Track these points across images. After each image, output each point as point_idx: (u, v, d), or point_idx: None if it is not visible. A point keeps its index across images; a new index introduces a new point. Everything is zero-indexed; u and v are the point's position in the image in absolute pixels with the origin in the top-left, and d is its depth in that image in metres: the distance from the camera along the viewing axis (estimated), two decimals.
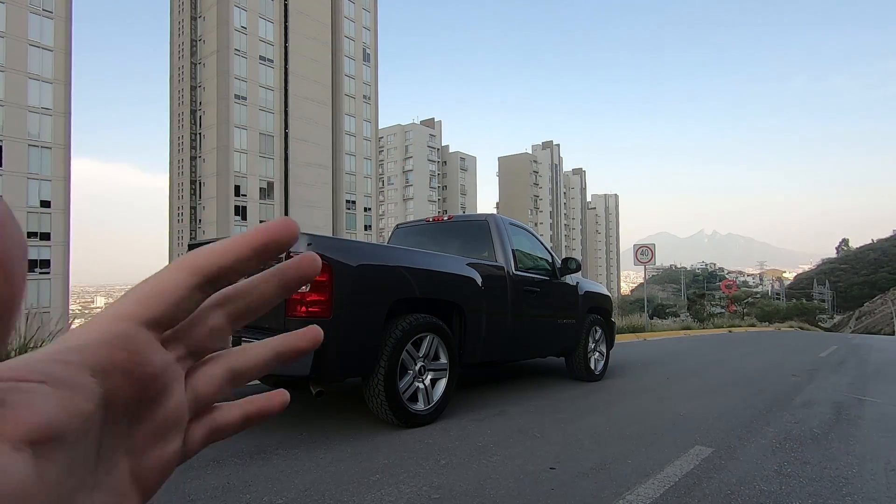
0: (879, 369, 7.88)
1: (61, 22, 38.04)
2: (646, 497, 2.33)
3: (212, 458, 2.63)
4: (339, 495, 2.23)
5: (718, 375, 6.31)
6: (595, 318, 5.53)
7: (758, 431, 3.58)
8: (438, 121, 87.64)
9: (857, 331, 50.96)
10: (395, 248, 3.70)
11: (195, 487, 2.25)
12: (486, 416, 3.71)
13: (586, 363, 5.28)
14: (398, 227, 5.48)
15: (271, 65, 52.45)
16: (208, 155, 50.79)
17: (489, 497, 2.27)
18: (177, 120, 56.63)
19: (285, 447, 2.85)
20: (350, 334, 3.03)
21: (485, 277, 4.03)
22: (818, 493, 2.48)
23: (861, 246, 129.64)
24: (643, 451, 3.01)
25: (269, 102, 52.39)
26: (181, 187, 55.58)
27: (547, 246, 5.25)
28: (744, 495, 2.40)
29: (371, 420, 3.43)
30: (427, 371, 3.48)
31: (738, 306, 34.15)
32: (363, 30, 62.65)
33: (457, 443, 3.04)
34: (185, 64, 54.81)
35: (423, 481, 2.42)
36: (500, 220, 4.70)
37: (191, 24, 54.54)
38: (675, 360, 7.77)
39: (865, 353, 10.96)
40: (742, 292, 44.38)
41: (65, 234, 37.59)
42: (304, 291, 2.86)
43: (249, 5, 50.61)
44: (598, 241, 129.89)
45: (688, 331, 16.49)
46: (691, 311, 28.59)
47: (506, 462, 2.74)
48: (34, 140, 36.49)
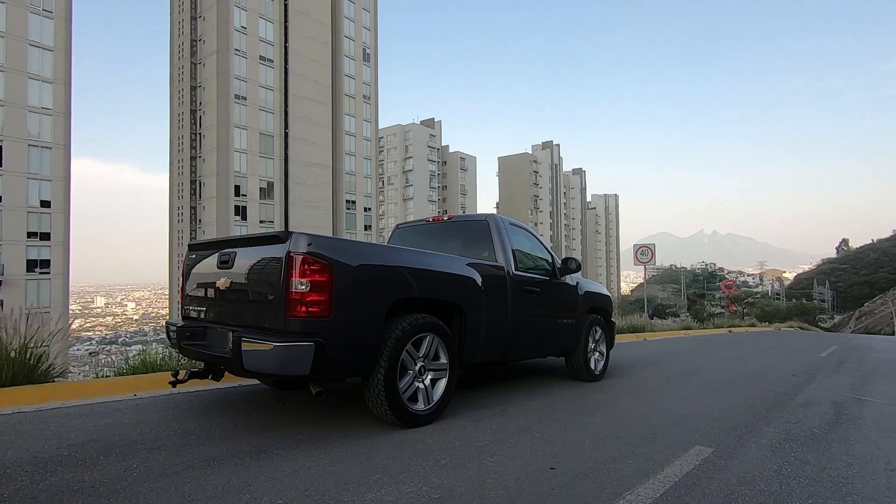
0: (879, 369, 7.88)
1: (61, 22, 38.01)
2: (646, 497, 2.33)
3: (212, 458, 2.63)
4: (338, 495, 2.23)
5: (718, 375, 6.31)
6: (595, 318, 5.53)
7: (758, 431, 3.58)
8: (438, 121, 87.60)
9: (857, 331, 50.91)
10: (395, 248, 3.70)
11: (195, 487, 2.25)
12: (486, 416, 3.71)
13: (586, 363, 5.27)
14: (398, 227, 5.48)
15: (271, 65, 52.42)
16: (208, 155, 50.76)
17: (489, 497, 2.27)
18: (177, 120, 56.58)
19: (285, 447, 2.84)
20: (350, 334, 3.02)
21: (485, 277, 4.03)
22: (818, 493, 2.48)
23: (861, 246, 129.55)
24: (643, 451, 3.01)
25: (269, 102, 52.35)
26: (181, 187, 55.53)
27: (547, 246, 5.25)
28: (744, 495, 2.40)
29: (371, 420, 3.42)
30: (427, 371, 3.48)
31: (738, 306, 34.16)
32: (363, 30, 62.61)
33: (457, 443, 3.04)
34: (185, 64, 54.76)
35: (423, 481, 2.42)
36: (500, 220, 4.70)
37: (191, 24, 54.50)
38: (675, 360, 7.77)
39: (865, 353, 10.96)
40: (742, 292, 44.34)
41: (65, 234, 37.56)
42: (304, 291, 2.86)
43: (249, 5, 50.57)
44: (598, 241, 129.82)
45: (688, 331, 16.48)
46: (691, 311, 28.59)
47: (506, 462, 2.73)
48: (34, 140, 36.46)
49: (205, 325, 3.43)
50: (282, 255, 2.94)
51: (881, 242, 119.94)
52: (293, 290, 2.87)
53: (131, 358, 5.10)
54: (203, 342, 3.40)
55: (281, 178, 53.08)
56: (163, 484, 2.28)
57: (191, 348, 3.39)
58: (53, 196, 37.14)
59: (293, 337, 2.84)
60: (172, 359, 4.98)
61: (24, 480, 2.28)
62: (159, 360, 4.99)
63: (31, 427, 3.06)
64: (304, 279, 2.86)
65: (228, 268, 3.32)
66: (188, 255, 3.89)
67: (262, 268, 3.11)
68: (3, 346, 4.07)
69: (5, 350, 4.05)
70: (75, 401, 3.71)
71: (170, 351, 4.98)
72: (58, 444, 2.76)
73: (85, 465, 2.48)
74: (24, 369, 4.09)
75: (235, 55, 49.57)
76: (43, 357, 4.31)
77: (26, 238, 35.80)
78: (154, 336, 66.30)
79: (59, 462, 2.50)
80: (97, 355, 14.91)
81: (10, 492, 2.16)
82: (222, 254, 3.42)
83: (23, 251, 35.56)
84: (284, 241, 2.96)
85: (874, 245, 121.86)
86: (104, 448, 2.72)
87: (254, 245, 3.26)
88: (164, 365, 4.90)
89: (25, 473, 2.36)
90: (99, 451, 2.68)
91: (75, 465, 2.46)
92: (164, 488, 2.23)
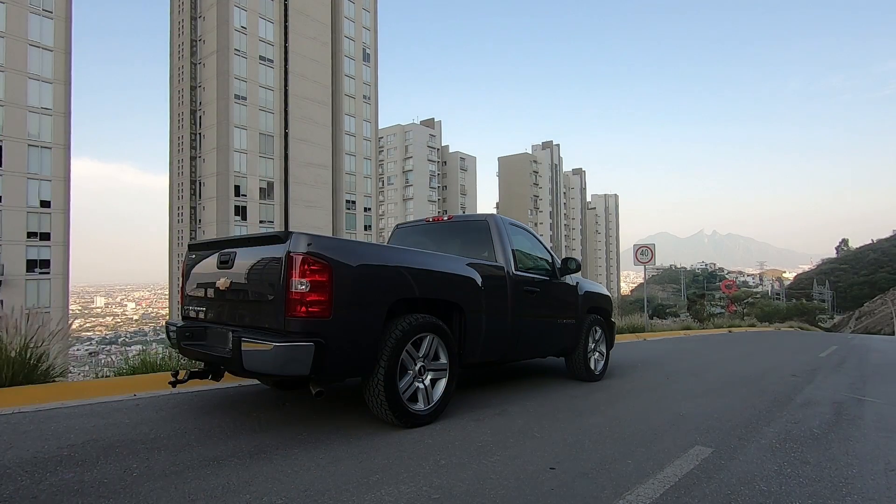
0: (879, 370, 7.88)
1: (61, 22, 38.00)
2: (646, 497, 2.33)
3: (212, 458, 2.63)
4: (338, 495, 2.23)
5: (718, 375, 6.31)
6: (595, 319, 5.53)
7: (758, 431, 3.58)
8: (438, 121, 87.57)
9: (856, 331, 50.90)
10: (395, 249, 3.70)
11: (195, 487, 2.25)
12: (486, 416, 3.71)
13: (586, 363, 5.28)
14: (398, 227, 5.48)
15: (271, 65, 52.42)
16: (208, 155, 50.75)
17: (489, 497, 2.27)
18: (177, 120, 56.56)
19: (285, 447, 2.84)
20: (350, 334, 3.02)
21: (485, 277, 4.03)
22: (818, 493, 2.48)
23: (861, 246, 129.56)
24: (643, 451, 3.01)
25: (269, 102, 52.35)
26: (181, 187, 55.51)
27: (547, 246, 5.25)
28: (744, 495, 2.40)
29: (371, 420, 3.42)
30: (427, 371, 3.48)
31: (738, 306, 34.16)
32: (363, 30, 62.61)
33: (457, 443, 3.04)
34: (185, 64, 54.73)
35: (423, 481, 2.42)
36: (500, 220, 4.70)
37: (191, 24, 54.48)
38: (675, 360, 7.77)
39: (865, 353, 10.96)
40: (742, 292, 44.36)
41: (65, 234, 37.55)
42: (303, 291, 2.86)
43: (249, 5, 50.56)
44: (598, 241, 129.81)
45: (688, 331, 16.48)
46: (691, 312, 28.59)
47: (506, 462, 2.73)
48: (34, 140, 36.45)
49: (205, 325, 3.43)
50: (282, 255, 2.94)
51: (881, 242, 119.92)
52: (293, 290, 2.86)
53: (131, 358, 5.10)
54: (203, 342, 3.40)
55: (281, 178, 53.08)
56: (163, 484, 2.28)
57: (191, 348, 3.39)
58: (53, 196, 37.12)
59: (293, 337, 2.83)
60: (172, 359, 4.98)
61: (24, 480, 2.28)
62: (159, 360, 4.99)
63: (31, 427, 3.06)
64: (304, 279, 2.86)
65: (228, 268, 3.32)
66: (188, 256, 3.88)
67: (262, 268, 3.11)
68: (4, 346, 4.07)
69: (5, 350, 4.05)
70: (75, 401, 3.70)
71: (170, 351, 4.98)
72: (58, 444, 2.76)
73: (85, 465, 2.48)
74: (24, 369, 4.10)
75: (235, 55, 49.57)
76: (43, 357, 4.31)
77: (26, 238, 35.78)
78: (154, 336, 66.25)
79: (59, 462, 2.50)
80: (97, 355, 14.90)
81: (10, 492, 2.16)
82: (222, 254, 3.42)
83: (23, 251, 35.55)
84: (284, 241, 2.96)
85: (874, 245, 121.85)
86: (104, 448, 2.72)
87: (254, 245, 3.26)
88: (164, 365, 4.90)
89: (25, 473, 2.36)
90: (99, 451, 2.67)
91: (75, 465, 2.46)
92: (164, 488, 2.23)
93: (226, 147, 49.02)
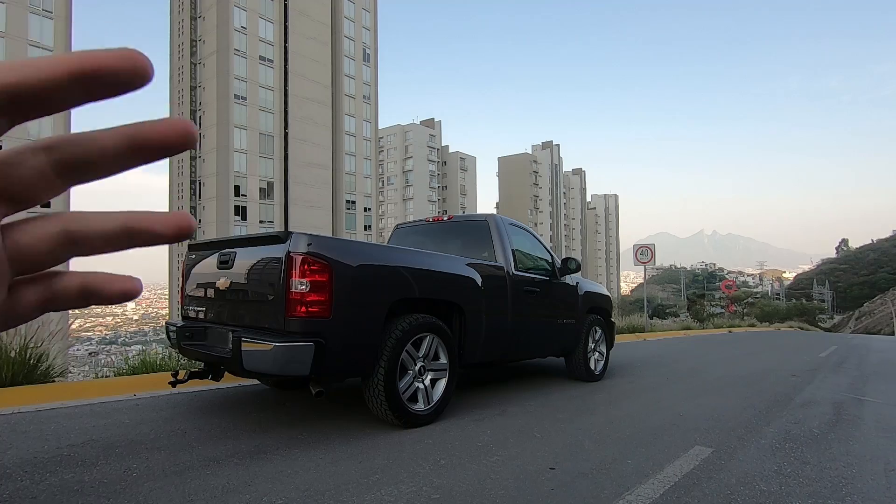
0: (879, 370, 7.88)
1: (61, 22, 37.99)
2: (645, 497, 2.33)
3: (212, 458, 2.63)
4: (338, 495, 2.23)
5: (718, 375, 6.31)
6: (595, 319, 5.53)
7: (758, 431, 3.58)
8: (438, 121, 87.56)
9: (856, 331, 50.92)
10: (395, 249, 3.70)
11: (195, 487, 2.25)
12: (486, 416, 3.71)
13: (586, 363, 5.28)
14: (398, 227, 5.48)
15: (271, 65, 52.42)
16: (208, 155, 50.75)
17: (489, 497, 2.27)
18: None
19: (285, 447, 2.84)
20: (350, 334, 3.02)
21: (485, 278, 4.03)
22: (818, 493, 2.48)
23: (861, 246, 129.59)
24: (643, 451, 3.01)
25: (269, 102, 52.35)
26: (181, 187, 55.52)
27: (547, 246, 5.25)
28: (743, 495, 2.40)
29: (371, 420, 3.42)
30: (427, 371, 3.48)
31: (737, 306, 34.17)
32: (363, 30, 62.61)
33: (457, 443, 3.04)
34: (185, 64, 54.75)
35: (423, 481, 2.42)
36: (499, 220, 4.70)
37: (191, 24, 54.49)
38: (675, 360, 7.77)
39: (865, 353, 10.96)
40: (742, 292, 44.36)
41: None
42: (303, 291, 2.86)
43: (249, 5, 50.57)
44: (598, 241, 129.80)
45: (688, 331, 16.49)
46: (691, 312, 28.59)
47: (506, 462, 2.73)
48: (34, 140, 36.48)
49: (205, 326, 3.43)
50: (282, 255, 2.94)
51: (881, 242, 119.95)
52: (293, 290, 2.87)
53: (131, 358, 5.10)
54: (203, 342, 3.40)
55: (281, 178, 53.08)
56: (163, 484, 2.28)
57: (191, 348, 3.39)
58: None
59: (293, 337, 2.84)
60: (172, 359, 4.98)
61: (24, 481, 2.28)
62: (159, 360, 5.00)
63: (31, 427, 3.06)
64: (304, 279, 2.86)
65: (228, 268, 3.32)
66: (188, 256, 3.88)
67: (262, 268, 3.11)
68: (3, 346, 4.07)
69: (5, 350, 4.05)
70: (75, 401, 3.70)
71: (169, 351, 4.98)
72: (58, 444, 2.76)
73: (85, 465, 2.48)
74: (24, 369, 4.10)
75: (235, 55, 49.57)
76: (43, 357, 4.31)
77: None
78: (154, 336, 66.23)
79: (59, 462, 2.50)
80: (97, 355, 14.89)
81: (9, 492, 2.16)
82: (222, 254, 3.42)
83: None
84: (284, 242, 2.96)
85: (874, 245, 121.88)
86: (104, 448, 2.72)
87: (254, 245, 3.26)
88: (164, 365, 4.90)
89: (25, 474, 2.36)
90: (99, 451, 2.67)
91: (75, 466, 2.46)
92: (164, 488, 2.23)
93: (226, 147, 49.02)
